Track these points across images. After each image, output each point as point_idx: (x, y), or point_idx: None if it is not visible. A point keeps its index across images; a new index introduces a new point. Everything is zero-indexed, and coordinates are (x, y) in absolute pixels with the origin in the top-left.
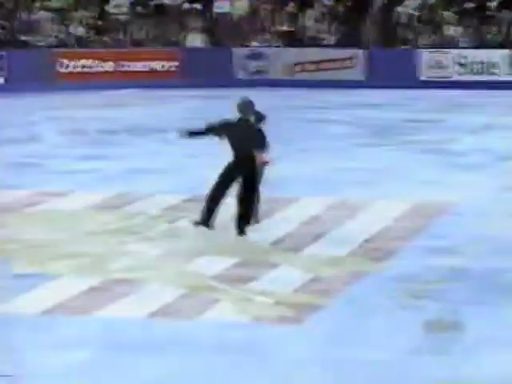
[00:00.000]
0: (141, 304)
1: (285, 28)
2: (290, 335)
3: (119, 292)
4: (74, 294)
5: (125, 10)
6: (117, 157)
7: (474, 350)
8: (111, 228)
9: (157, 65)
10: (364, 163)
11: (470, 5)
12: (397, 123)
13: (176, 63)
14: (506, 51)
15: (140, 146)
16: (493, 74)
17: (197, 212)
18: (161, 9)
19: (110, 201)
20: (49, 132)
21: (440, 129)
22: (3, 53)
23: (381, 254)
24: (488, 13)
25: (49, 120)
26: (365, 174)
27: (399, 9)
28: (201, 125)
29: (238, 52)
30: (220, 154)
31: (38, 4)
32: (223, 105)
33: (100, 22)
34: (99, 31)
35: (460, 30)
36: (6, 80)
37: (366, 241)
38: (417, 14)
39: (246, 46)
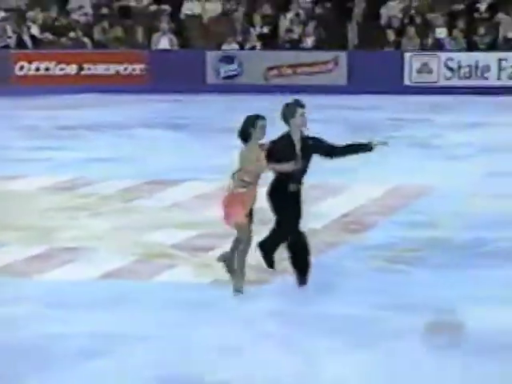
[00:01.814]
0: (89, 268)
1: (259, 30)
2: (253, 294)
3: (66, 258)
4: (18, 259)
5: (87, 10)
6: (73, 148)
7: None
8: (63, 206)
9: (122, 68)
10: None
11: (458, 7)
12: (380, 122)
13: (143, 66)
14: (495, 54)
15: (97, 140)
16: (482, 78)
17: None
18: (126, 10)
19: (64, 183)
20: (3, 128)
21: (425, 127)
22: None
23: (358, 227)
24: (477, 15)
25: (4, 118)
26: (345, 162)
27: (383, 11)
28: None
29: (210, 55)
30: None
31: None
32: (192, 108)
33: (59, 23)
34: (58, 33)
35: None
36: None
37: (344, 216)
38: (401, 16)
39: (218, 49)
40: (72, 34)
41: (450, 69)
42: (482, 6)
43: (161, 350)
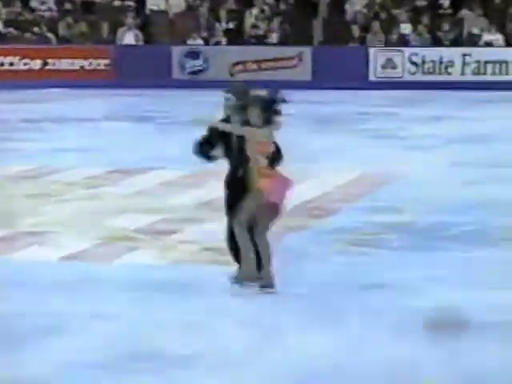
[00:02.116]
0: (52, 251)
1: (225, 26)
2: (214, 275)
3: (30, 241)
4: None
5: (50, 5)
6: (38, 139)
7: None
8: (28, 193)
9: (87, 63)
10: (309, 145)
11: (422, 3)
12: (345, 115)
13: (107, 61)
14: (459, 49)
15: (62, 131)
16: (446, 73)
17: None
18: (89, 5)
19: (29, 172)
20: None
21: (390, 120)
22: None
23: (321, 213)
24: (440, 11)
25: None
26: (310, 152)
27: (348, 6)
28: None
29: (176, 50)
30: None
31: None
32: (157, 103)
33: (23, 18)
34: (22, 28)
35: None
36: None
37: (307, 202)
38: (366, 11)
39: (184, 44)
40: (36, 29)
41: (415, 64)
42: (446, 2)
43: (122, 328)
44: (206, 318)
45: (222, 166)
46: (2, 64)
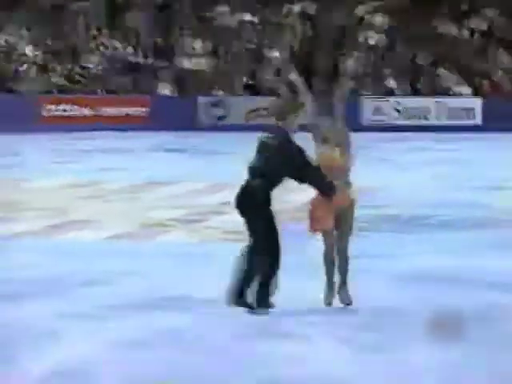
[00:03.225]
0: (98, 233)
1: (245, 81)
2: (228, 250)
3: (78, 226)
4: (43, 226)
5: (97, 64)
6: (89, 162)
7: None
8: (81, 196)
9: (129, 110)
10: None
11: (406, 62)
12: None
13: (147, 109)
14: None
15: (108, 158)
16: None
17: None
18: (135, 66)
19: (82, 182)
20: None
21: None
22: None
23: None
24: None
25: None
26: None
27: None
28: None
29: (203, 100)
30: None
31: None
32: (189, 142)
33: (76, 74)
34: (74, 81)
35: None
36: None
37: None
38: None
39: (210, 96)
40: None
41: (398, 110)
42: (426, 61)
43: (154, 280)
44: (221, 272)
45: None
46: (65, 110)
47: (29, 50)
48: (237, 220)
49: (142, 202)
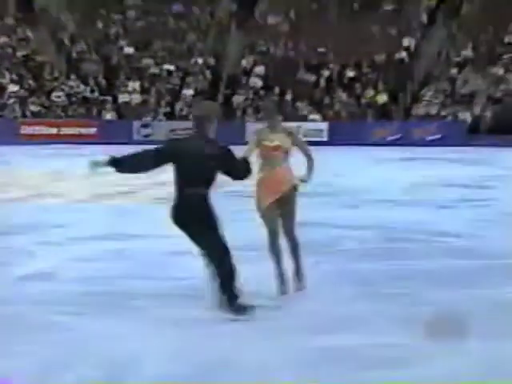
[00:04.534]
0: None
1: (166, 110)
2: None
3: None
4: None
5: (61, 98)
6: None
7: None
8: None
9: (82, 130)
10: None
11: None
12: None
13: (95, 129)
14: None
15: None
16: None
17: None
18: (88, 99)
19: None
20: None
21: None
22: None
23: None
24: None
25: None
26: None
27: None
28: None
29: (136, 124)
30: None
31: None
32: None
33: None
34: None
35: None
36: None
37: None
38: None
39: (140, 120)
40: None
41: None
42: (288, 97)
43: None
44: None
45: None
46: (37, 130)
47: (13, 87)
48: None
49: (93, 182)
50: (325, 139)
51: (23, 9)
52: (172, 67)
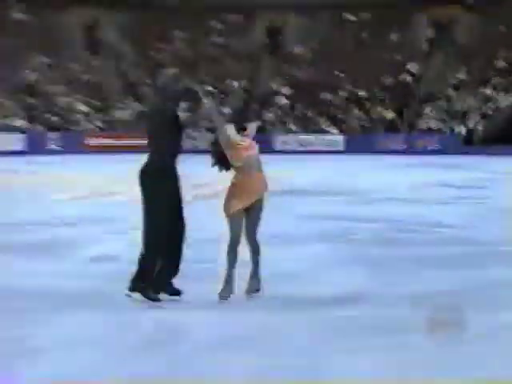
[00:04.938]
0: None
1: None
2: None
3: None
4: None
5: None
6: None
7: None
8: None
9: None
10: None
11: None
12: None
13: None
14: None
15: None
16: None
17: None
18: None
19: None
20: None
21: None
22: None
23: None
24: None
25: None
26: None
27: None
28: None
29: None
30: None
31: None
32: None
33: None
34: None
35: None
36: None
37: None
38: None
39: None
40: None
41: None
42: (309, 113)
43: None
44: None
45: None
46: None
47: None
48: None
49: None
50: (341, 149)
51: (90, 41)
52: (212, 88)
